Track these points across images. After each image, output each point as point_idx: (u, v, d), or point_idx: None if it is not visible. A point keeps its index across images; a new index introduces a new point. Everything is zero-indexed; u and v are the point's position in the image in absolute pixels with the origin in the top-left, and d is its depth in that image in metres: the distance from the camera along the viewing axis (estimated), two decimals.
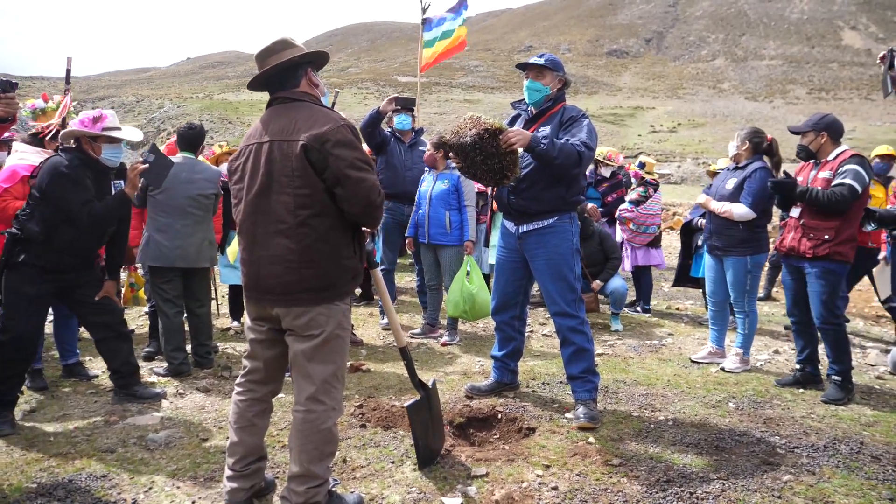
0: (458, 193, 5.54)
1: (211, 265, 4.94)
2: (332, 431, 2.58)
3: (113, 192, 3.95)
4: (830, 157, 4.28)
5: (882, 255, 5.85)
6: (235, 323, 6.01)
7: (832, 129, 4.30)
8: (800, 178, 4.42)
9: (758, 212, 4.68)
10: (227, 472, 2.69)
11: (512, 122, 4.05)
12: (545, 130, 3.75)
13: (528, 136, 3.49)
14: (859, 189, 4.07)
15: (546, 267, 3.82)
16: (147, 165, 3.83)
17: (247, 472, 2.68)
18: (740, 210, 4.66)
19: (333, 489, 2.73)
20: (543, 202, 3.79)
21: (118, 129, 3.84)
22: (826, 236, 4.13)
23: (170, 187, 4.50)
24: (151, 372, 4.61)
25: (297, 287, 2.51)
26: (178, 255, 4.54)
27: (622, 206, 6.94)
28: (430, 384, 3.27)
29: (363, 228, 2.71)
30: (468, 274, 5.16)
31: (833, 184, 4.12)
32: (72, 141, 3.78)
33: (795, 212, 4.37)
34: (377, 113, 5.72)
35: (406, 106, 5.98)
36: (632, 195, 6.97)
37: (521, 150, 3.56)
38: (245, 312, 2.81)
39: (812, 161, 4.41)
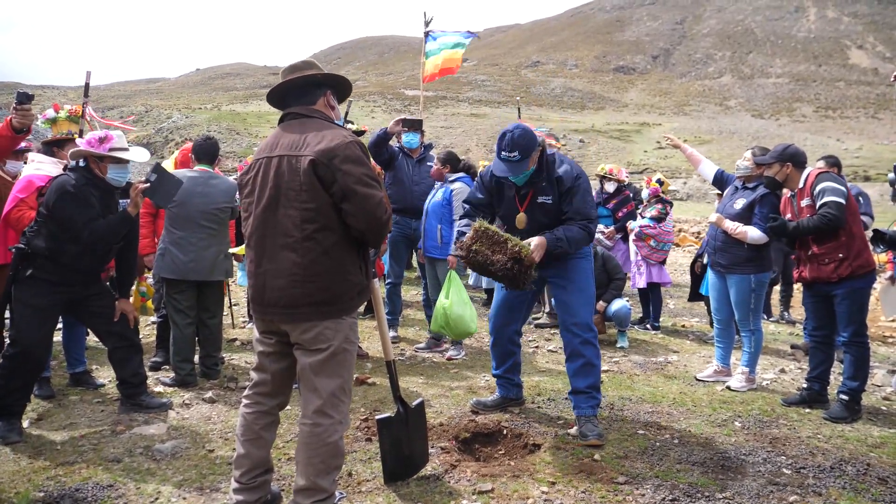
0: (451, 206, 5.54)
1: (225, 278, 4.95)
2: (338, 445, 2.59)
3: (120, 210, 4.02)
4: (801, 183, 4.39)
5: (889, 274, 5.84)
6: (251, 324, 6.04)
7: (796, 159, 4.43)
8: (788, 215, 4.50)
9: (770, 236, 4.72)
10: (234, 485, 2.70)
11: (500, 187, 3.94)
12: (547, 200, 3.79)
13: (545, 244, 3.61)
14: (843, 200, 4.17)
15: (567, 280, 3.86)
16: (149, 185, 3.90)
17: (253, 485, 2.69)
18: (755, 234, 4.67)
19: (339, 502, 2.73)
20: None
21: (125, 149, 3.91)
22: (841, 255, 4.17)
23: (185, 201, 4.53)
24: (158, 382, 4.62)
25: (302, 301, 2.53)
26: (191, 268, 4.56)
27: (642, 223, 6.94)
28: (414, 404, 3.25)
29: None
30: (447, 290, 5.06)
31: (817, 206, 4.22)
32: (80, 160, 3.85)
33: (803, 243, 4.41)
34: (385, 133, 5.81)
35: (413, 127, 6.04)
36: (651, 212, 6.99)
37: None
38: (254, 325, 2.82)
39: (789, 194, 4.50)
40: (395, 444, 3.09)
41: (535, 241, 3.60)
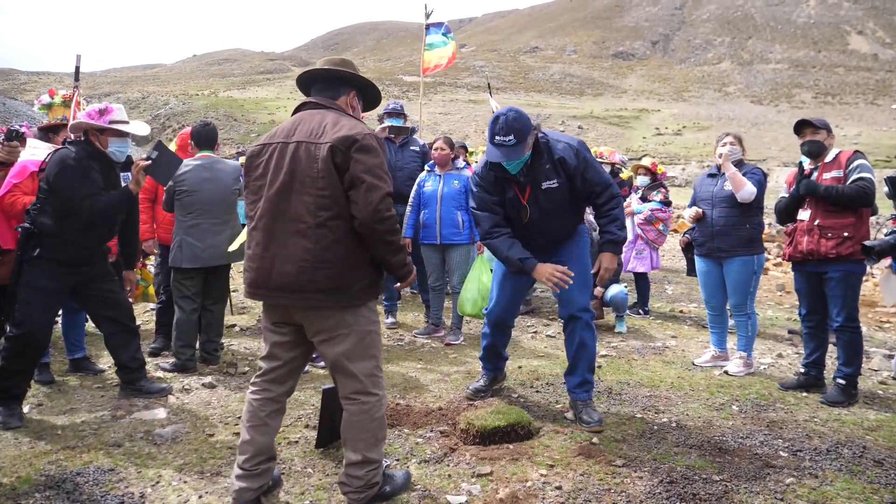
0: (467, 193, 5.57)
1: (241, 260, 4.97)
2: (383, 418, 2.73)
3: (122, 183, 4.00)
4: (828, 158, 4.33)
5: (888, 262, 5.85)
6: None
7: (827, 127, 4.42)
8: (792, 189, 4.46)
9: (759, 197, 4.73)
10: (237, 471, 2.72)
11: (500, 187, 3.70)
12: (552, 184, 3.60)
13: (614, 258, 3.67)
14: (875, 182, 4.13)
15: (572, 260, 3.74)
16: (150, 162, 3.87)
17: (256, 472, 2.71)
18: (750, 188, 4.64)
19: (385, 468, 2.84)
20: (563, 236, 3.84)
21: (125, 122, 3.89)
22: (846, 234, 4.13)
23: (196, 188, 4.56)
24: (157, 367, 4.64)
25: (310, 286, 2.55)
26: (210, 254, 4.58)
27: (654, 206, 6.93)
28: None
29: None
30: (481, 272, 5.10)
31: (851, 180, 4.15)
32: (80, 134, 3.83)
33: (805, 214, 4.36)
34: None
35: (399, 134, 6.34)
36: (658, 196, 6.98)
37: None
38: (263, 317, 2.82)
39: (809, 167, 4.42)
40: (334, 412, 3.20)
41: (605, 262, 3.64)
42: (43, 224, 3.66)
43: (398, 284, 2.82)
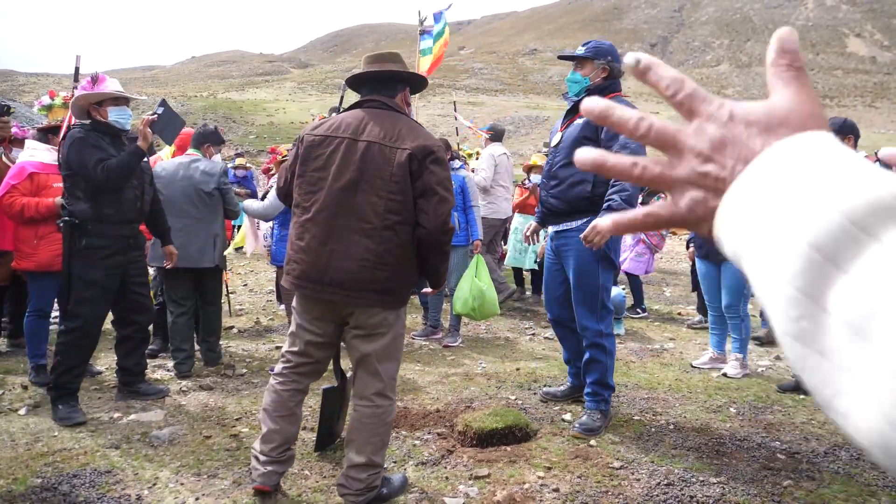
0: (463, 194, 5.58)
1: (214, 264, 4.75)
2: (391, 423, 2.79)
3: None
4: None
5: None
6: (282, 307, 6.20)
7: (855, 131, 4.34)
8: None
9: None
10: (263, 458, 2.75)
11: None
12: (579, 122, 3.53)
13: (598, 229, 3.24)
14: None
15: (571, 272, 3.71)
16: (155, 116, 3.87)
17: (283, 458, 2.78)
18: None
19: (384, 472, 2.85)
20: (569, 201, 3.62)
21: (120, 91, 3.89)
22: None
23: (169, 185, 4.50)
24: (156, 369, 4.63)
25: (367, 286, 2.59)
26: (179, 255, 4.43)
27: None
28: (348, 374, 3.29)
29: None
30: (476, 272, 5.11)
31: None
32: (84, 117, 3.85)
33: None
34: None
35: None
36: (660, 201, 7.02)
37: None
38: (298, 312, 2.82)
39: None
40: (333, 413, 3.25)
41: (596, 221, 3.32)
42: (80, 211, 3.65)
43: (431, 290, 2.98)
